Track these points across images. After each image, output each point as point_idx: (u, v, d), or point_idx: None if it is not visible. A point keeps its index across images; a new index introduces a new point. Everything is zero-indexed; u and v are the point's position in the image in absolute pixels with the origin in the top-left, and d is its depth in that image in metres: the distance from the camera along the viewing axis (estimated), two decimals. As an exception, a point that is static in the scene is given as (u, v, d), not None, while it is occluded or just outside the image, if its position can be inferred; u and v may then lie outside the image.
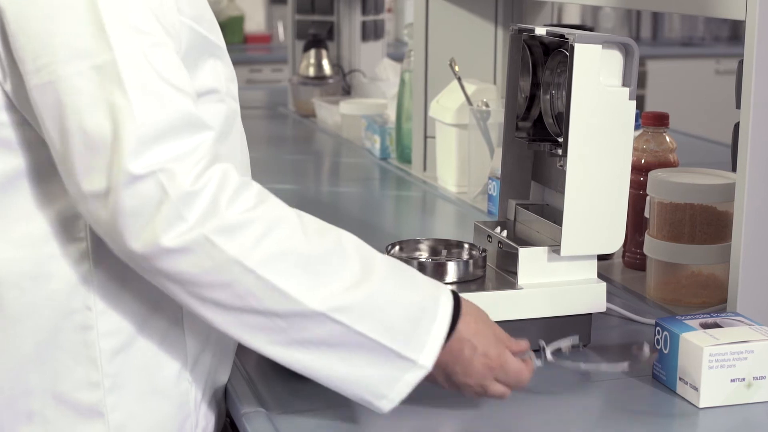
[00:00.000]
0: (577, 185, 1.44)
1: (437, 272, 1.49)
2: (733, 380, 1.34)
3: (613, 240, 1.48)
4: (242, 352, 1.49)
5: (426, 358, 1.23)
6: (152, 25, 1.17)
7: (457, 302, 1.26)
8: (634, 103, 1.44)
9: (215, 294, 1.17)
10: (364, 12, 3.77)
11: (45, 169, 1.23)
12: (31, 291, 1.24)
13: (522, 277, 1.48)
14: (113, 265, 1.24)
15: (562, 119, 1.46)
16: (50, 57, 1.14)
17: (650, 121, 1.87)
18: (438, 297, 1.25)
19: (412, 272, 1.27)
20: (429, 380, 1.27)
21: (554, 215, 1.53)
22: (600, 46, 1.42)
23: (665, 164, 1.84)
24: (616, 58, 1.45)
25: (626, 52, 1.44)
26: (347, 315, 1.19)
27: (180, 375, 1.31)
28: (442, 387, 1.30)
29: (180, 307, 1.29)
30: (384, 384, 1.23)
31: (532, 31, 1.53)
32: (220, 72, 1.32)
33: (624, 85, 1.44)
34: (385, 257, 1.26)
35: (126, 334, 1.27)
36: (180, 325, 1.30)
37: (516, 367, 1.29)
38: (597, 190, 1.45)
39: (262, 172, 2.72)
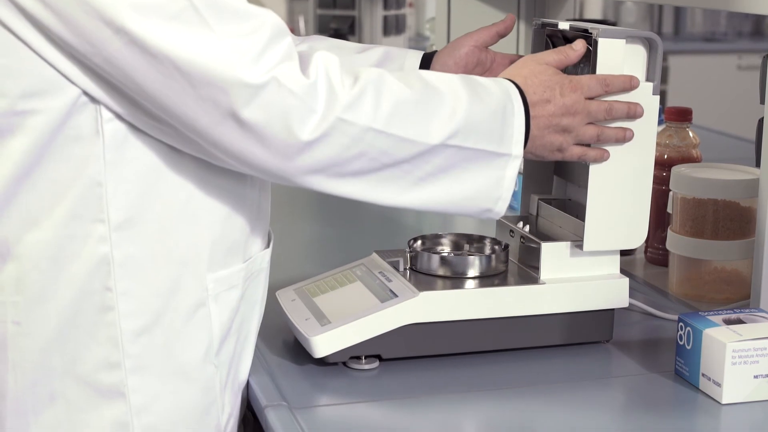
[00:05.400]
0: (600, 180, 1.44)
1: (460, 267, 1.49)
2: (756, 376, 1.34)
3: (636, 235, 1.48)
4: (265, 345, 1.50)
5: (516, 147, 1.35)
6: None
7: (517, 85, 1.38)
8: (657, 98, 1.44)
9: (353, 165, 1.27)
10: (386, 7, 3.78)
11: (66, 151, 1.23)
12: (52, 272, 1.24)
13: (544, 272, 1.48)
14: (135, 247, 1.25)
15: None
16: (125, 16, 1.16)
17: (673, 116, 1.87)
18: (508, 92, 1.35)
19: (476, 79, 1.36)
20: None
21: (577, 210, 1.53)
22: (624, 40, 1.42)
23: (688, 159, 1.84)
24: (639, 52, 1.44)
25: (650, 46, 1.44)
26: (457, 137, 1.31)
27: (206, 358, 1.31)
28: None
29: (205, 287, 1.30)
30: (494, 186, 1.35)
31: (555, 25, 1.53)
32: None
33: (647, 79, 1.44)
34: (454, 75, 1.36)
35: (149, 314, 1.27)
36: (206, 307, 1.31)
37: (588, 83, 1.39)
38: (620, 185, 1.45)
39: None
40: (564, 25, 1.51)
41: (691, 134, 1.87)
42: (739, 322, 1.38)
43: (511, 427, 1.31)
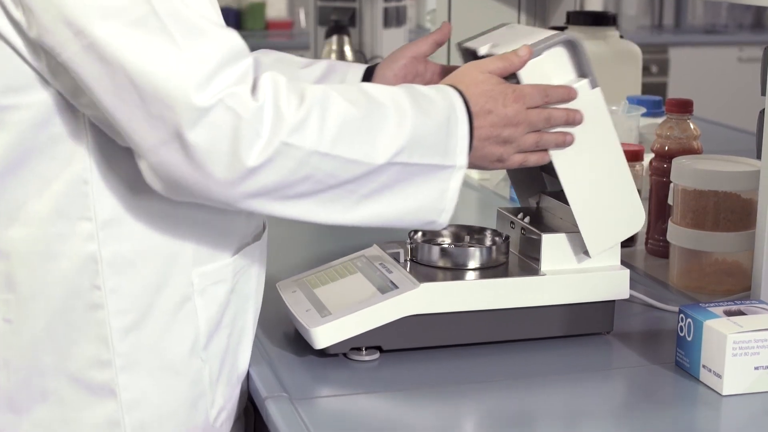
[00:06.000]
0: (577, 188, 1.44)
1: (461, 258, 1.49)
2: (756, 368, 1.33)
3: (635, 220, 1.48)
4: (265, 337, 1.50)
5: (461, 158, 1.32)
6: None
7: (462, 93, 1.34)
8: (598, 89, 1.42)
9: (298, 188, 1.23)
10: (386, -2, 3.77)
11: (49, 150, 1.23)
12: (41, 270, 1.25)
13: (545, 264, 1.48)
14: (122, 245, 1.26)
15: None
16: (85, 19, 1.14)
17: (674, 108, 1.86)
18: (452, 102, 1.32)
19: (420, 89, 1.33)
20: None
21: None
22: (541, 57, 1.40)
23: (689, 151, 1.83)
24: (561, 55, 1.42)
25: (570, 47, 1.42)
26: (403, 154, 1.27)
27: (192, 353, 1.32)
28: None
29: (191, 282, 1.30)
30: (438, 199, 1.32)
31: (475, 51, 1.50)
32: None
33: (581, 77, 1.43)
34: (399, 88, 1.32)
35: (137, 312, 1.27)
36: (191, 302, 1.31)
37: (527, 92, 1.37)
38: (598, 183, 1.45)
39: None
40: (483, 51, 1.49)
41: (692, 126, 1.87)
42: (740, 313, 1.38)
43: (511, 419, 1.31)
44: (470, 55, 1.53)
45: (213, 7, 1.25)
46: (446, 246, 1.55)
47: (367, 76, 1.58)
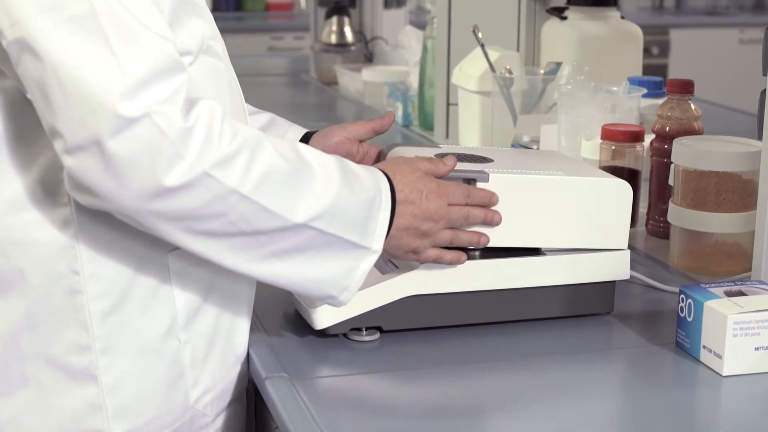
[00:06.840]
0: (552, 238, 1.46)
1: (460, 239, 1.49)
2: (757, 348, 1.33)
3: (620, 192, 1.48)
4: (265, 317, 1.50)
5: (377, 243, 1.32)
6: None
7: (391, 180, 1.35)
8: (490, 177, 1.42)
9: (208, 225, 1.20)
10: (387, -21, 3.77)
11: (24, 135, 1.23)
12: (18, 257, 1.24)
13: (545, 244, 1.48)
14: (99, 229, 1.25)
15: None
16: (22, 11, 1.13)
17: (675, 88, 1.86)
18: (380, 185, 1.33)
19: (351, 165, 1.33)
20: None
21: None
22: None
23: (690, 132, 1.83)
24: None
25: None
26: (322, 221, 1.26)
27: (169, 333, 1.31)
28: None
29: (167, 264, 1.30)
30: (344, 276, 1.32)
31: None
32: (201, 30, 1.31)
33: (471, 181, 1.42)
34: (331, 157, 1.31)
35: (115, 295, 1.27)
36: (168, 283, 1.30)
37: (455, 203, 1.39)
38: (561, 216, 1.45)
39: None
40: None
41: (692, 107, 1.86)
42: (741, 294, 1.38)
43: (511, 399, 1.31)
44: None
45: (160, 14, 1.20)
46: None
47: (304, 140, 1.57)
